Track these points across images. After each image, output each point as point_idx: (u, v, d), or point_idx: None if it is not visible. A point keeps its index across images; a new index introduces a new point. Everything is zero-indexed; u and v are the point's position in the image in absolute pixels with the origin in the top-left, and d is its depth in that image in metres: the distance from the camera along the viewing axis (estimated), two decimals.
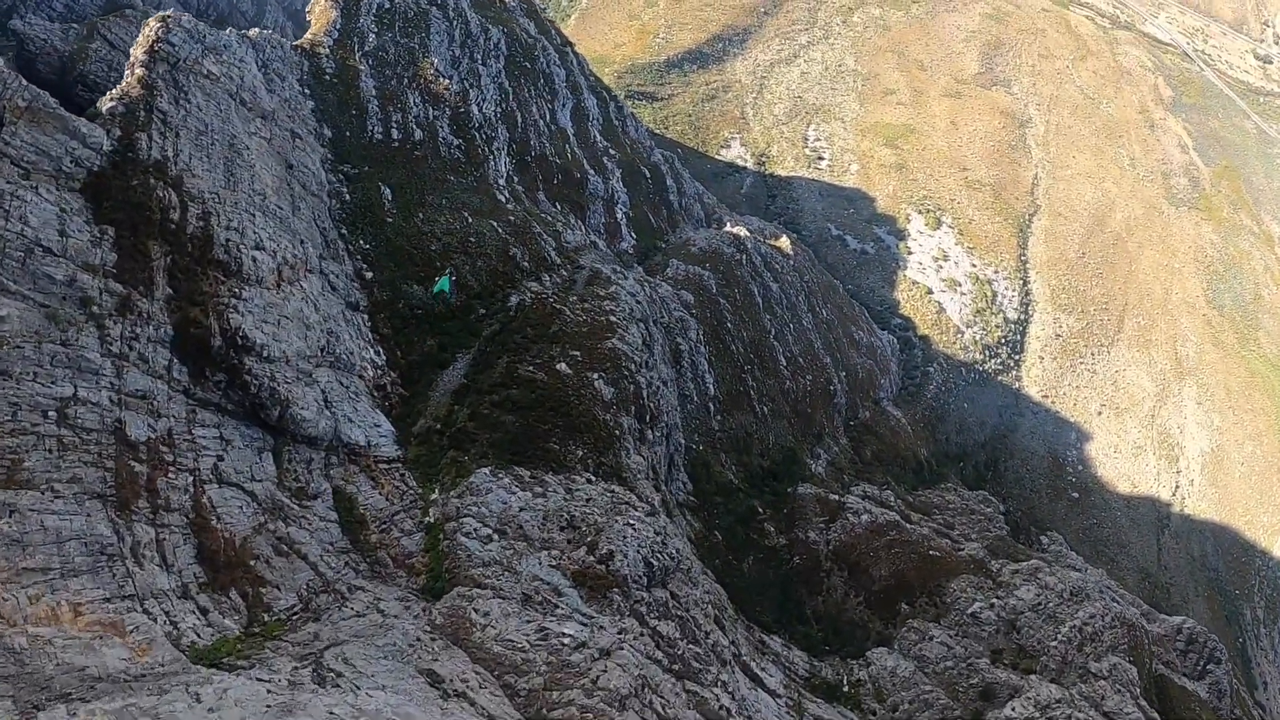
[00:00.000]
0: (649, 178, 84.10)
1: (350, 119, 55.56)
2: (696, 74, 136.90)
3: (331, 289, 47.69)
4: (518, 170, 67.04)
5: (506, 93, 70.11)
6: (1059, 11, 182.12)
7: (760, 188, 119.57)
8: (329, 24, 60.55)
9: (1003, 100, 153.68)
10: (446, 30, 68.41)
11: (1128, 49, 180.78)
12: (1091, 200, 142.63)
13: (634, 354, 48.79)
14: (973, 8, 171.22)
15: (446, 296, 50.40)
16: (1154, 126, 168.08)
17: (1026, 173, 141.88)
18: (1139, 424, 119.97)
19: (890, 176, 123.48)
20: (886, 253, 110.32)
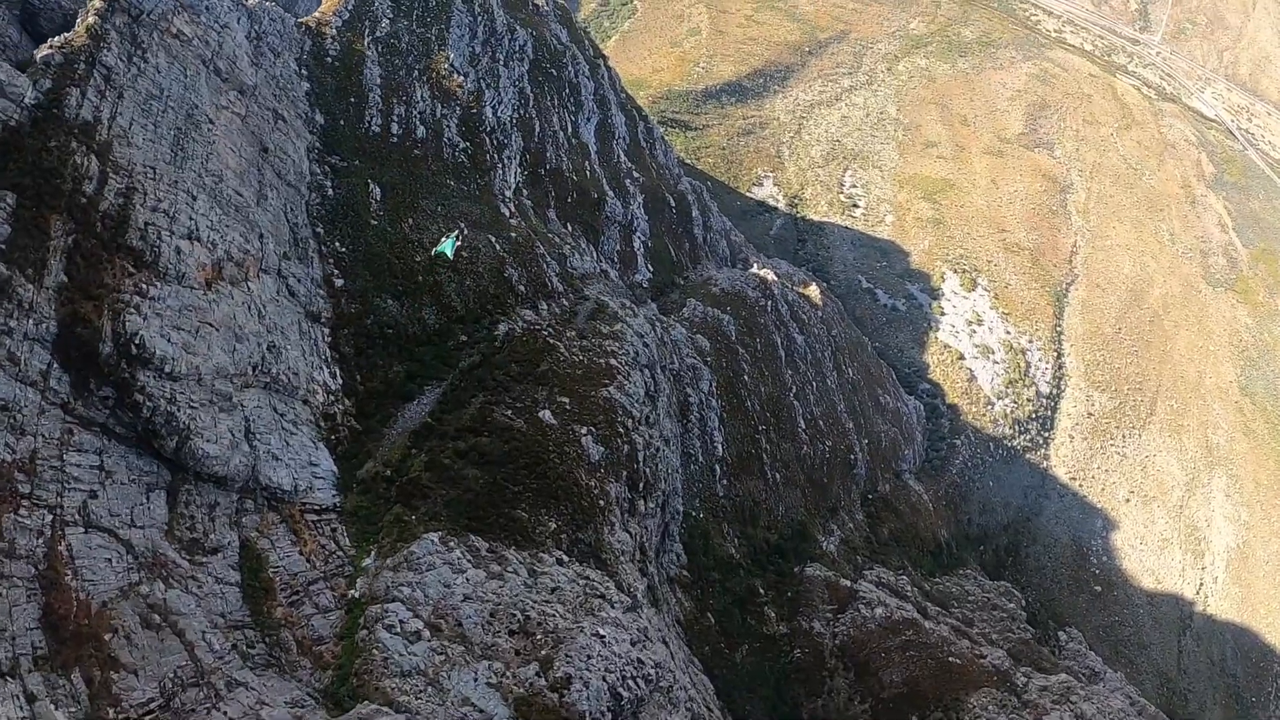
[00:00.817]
0: (674, 207, 76.96)
1: (347, 107, 48.88)
2: (734, 107, 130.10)
3: (289, 294, 40.14)
4: (528, 182, 60.22)
5: (526, 98, 63.54)
6: (1106, 78, 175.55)
7: (790, 230, 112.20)
8: (341, 3, 54.37)
9: (1045, 163, 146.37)
10: (469, 25, 62.12)
11: (1173, 121, 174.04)
12: (1130, 274, 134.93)
13: (633, 407, 40.91)
14: (1019, 67, 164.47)
15: (446, 258, 45.55)
16: (1195, 202, 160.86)
17: (1066, 240, 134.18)
18: (1167, 514, 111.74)
19: (927, 231, 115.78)
20: (918, 311, 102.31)
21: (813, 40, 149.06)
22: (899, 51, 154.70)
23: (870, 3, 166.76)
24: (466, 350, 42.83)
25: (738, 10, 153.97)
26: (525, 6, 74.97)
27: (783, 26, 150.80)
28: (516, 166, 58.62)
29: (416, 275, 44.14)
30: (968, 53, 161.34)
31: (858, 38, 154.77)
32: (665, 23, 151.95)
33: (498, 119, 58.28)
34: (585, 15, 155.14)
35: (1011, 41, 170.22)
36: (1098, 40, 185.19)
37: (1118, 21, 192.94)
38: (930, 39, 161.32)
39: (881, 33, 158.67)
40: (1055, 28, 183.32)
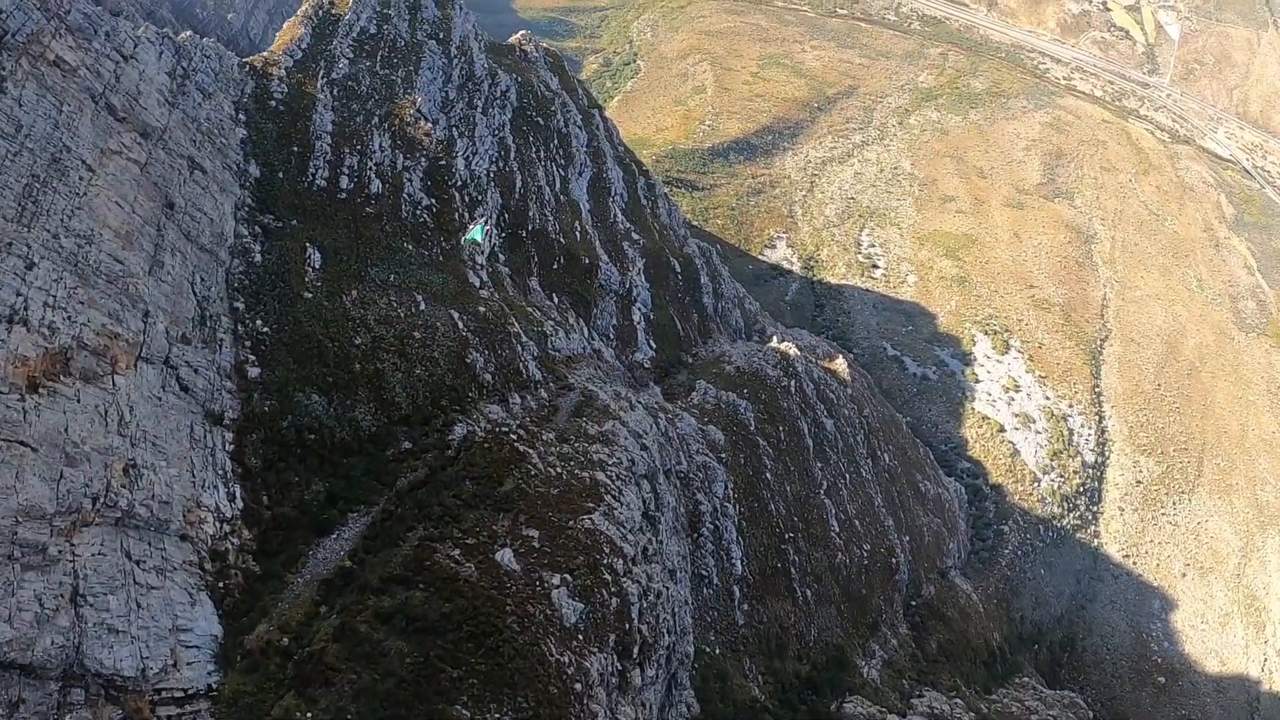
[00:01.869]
0: (679, 273, 67.75)
1: (289, 157, 40.52)
2: (742, 165, 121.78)
3: (181, 389, 30.24)
4: (507, 246, 51.64)
5: (507, 149, 55.49)
6: (1119, 124, 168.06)
7: (807, 295, 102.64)
8: (292, 42, 46.96)
9: (1066, 213, 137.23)
10: (442, 67, 54.29)
11: (1189, 164, 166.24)
12: (1163, 325, 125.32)
13: (626, 540, 30.74)
14: (1032, 116, 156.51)
15: (477, 244, 44.46)
16: (1219, 245, 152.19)
17: (1095, 292, 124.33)
18: (1225, 586, 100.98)
19: (952, 291, 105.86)
20: (950, 379, 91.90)
21: (821, 96, 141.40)
22: (909, 105, 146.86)
23: (877, 57, 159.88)
24: (409, 462, 33.06)
25: (742, 68, 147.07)
26: (512, 53, 67.87)
27: (789, 83, 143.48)
28: (492, 227, 49.93)
29: (353, 362, 34.46)
30: (979, 104, 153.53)
31: (866, 92, 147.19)
32: (669, 81, 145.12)
33: (471, 172, 49.75)
34: (588, 75, 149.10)
35: (1022, 91, 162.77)
36: (1107, 86, 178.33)
37: (1126, 66, 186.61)
38: (940, 91, 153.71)
39: (890, 87, 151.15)
40: (1064, 75, 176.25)
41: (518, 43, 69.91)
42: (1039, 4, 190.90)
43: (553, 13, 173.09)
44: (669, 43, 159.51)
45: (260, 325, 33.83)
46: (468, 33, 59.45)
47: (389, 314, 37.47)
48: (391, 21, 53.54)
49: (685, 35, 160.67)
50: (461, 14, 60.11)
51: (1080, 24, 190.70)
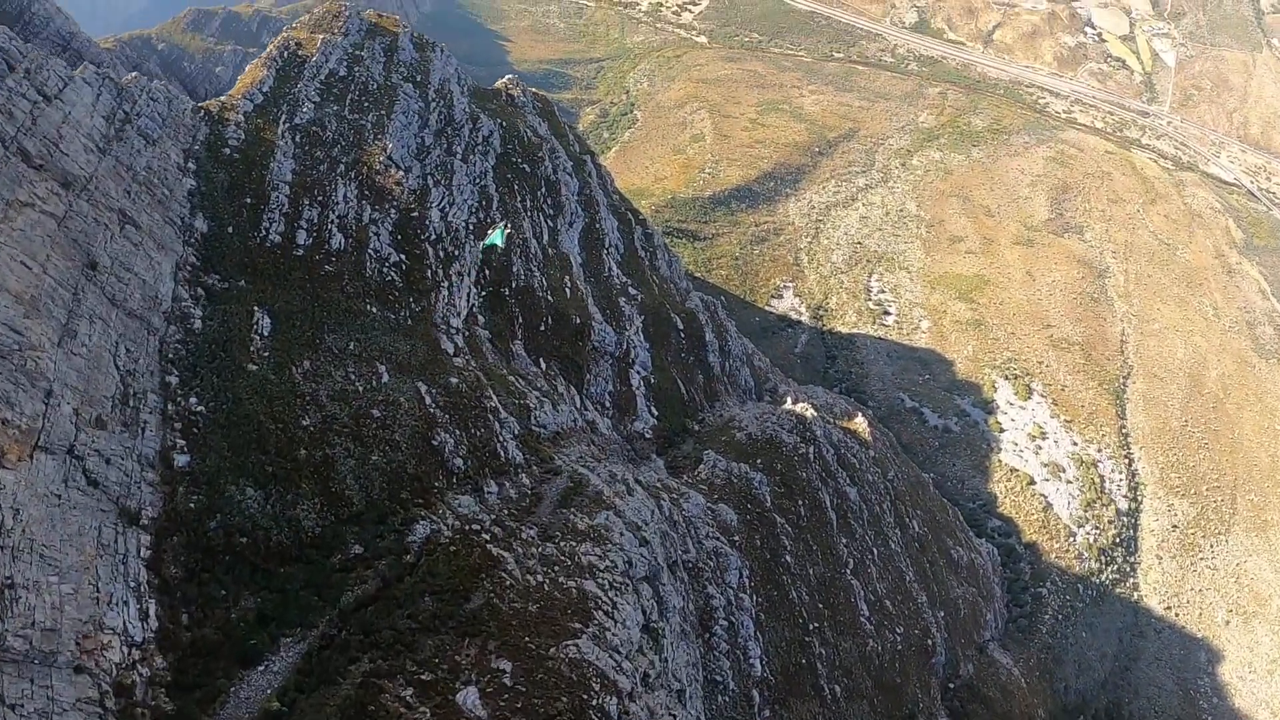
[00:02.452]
0: (682, 330, 62.16)
1: (240, 209, 35.89)
2: (745, 213, 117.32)
3: (89, 484, 24.75)
4: (487, 306, 46.38)
5: (489, 199, 50.75)
6: (1122, 154, 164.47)
7: (818, 346, 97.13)
8: (252, 85, 42.97)
9: (1077, 248, 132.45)
10: (418, 111, 49.98)
11: (1195, 191, 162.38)
12: (1184, 357, 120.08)
13: (620, 672, 25.21)
14: (1035, 151, 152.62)
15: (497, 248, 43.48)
16: (1231, 272, 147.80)
17: (1113, 328, 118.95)
18: (1269, 629, 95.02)
19: (968, 335, 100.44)
20: (974, 430, 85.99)
21: (821, 140, 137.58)
22: (911, 146, 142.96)
23: (876, 99, 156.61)
24: (359, 572, 27.68)
25: (741, 114, 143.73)
26: (497, 98, 63.58)
27: (789, 128, 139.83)
28: (470, 285, 44.65)
29: (298, 448, 29.18)
30: (980, 142, 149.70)
31: (867, 135, 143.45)
32: (667, 130, 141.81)
33: (447, 224, 44.93)
34: (585, 126, 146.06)
35: (1023, 126, 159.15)
36: (1108, 117, 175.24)
37: (1124, 96, 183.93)
38: (941, 131, 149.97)
39: (891, 128, 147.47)
40: (1064, 109, 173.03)
41: (504, 87, 65.91)
42: (1034, 39, 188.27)
43: (548, 64, 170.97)
44: (666, 92, 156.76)
45: (194, 404, 28.62)
46: (448, 76, 55.37)
47: (345, 388, 32.19)
48: (364, 63, 49.65)
49: (682, 84, 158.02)
50: (442, 57, 56.29)
51: (1077, 56, 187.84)
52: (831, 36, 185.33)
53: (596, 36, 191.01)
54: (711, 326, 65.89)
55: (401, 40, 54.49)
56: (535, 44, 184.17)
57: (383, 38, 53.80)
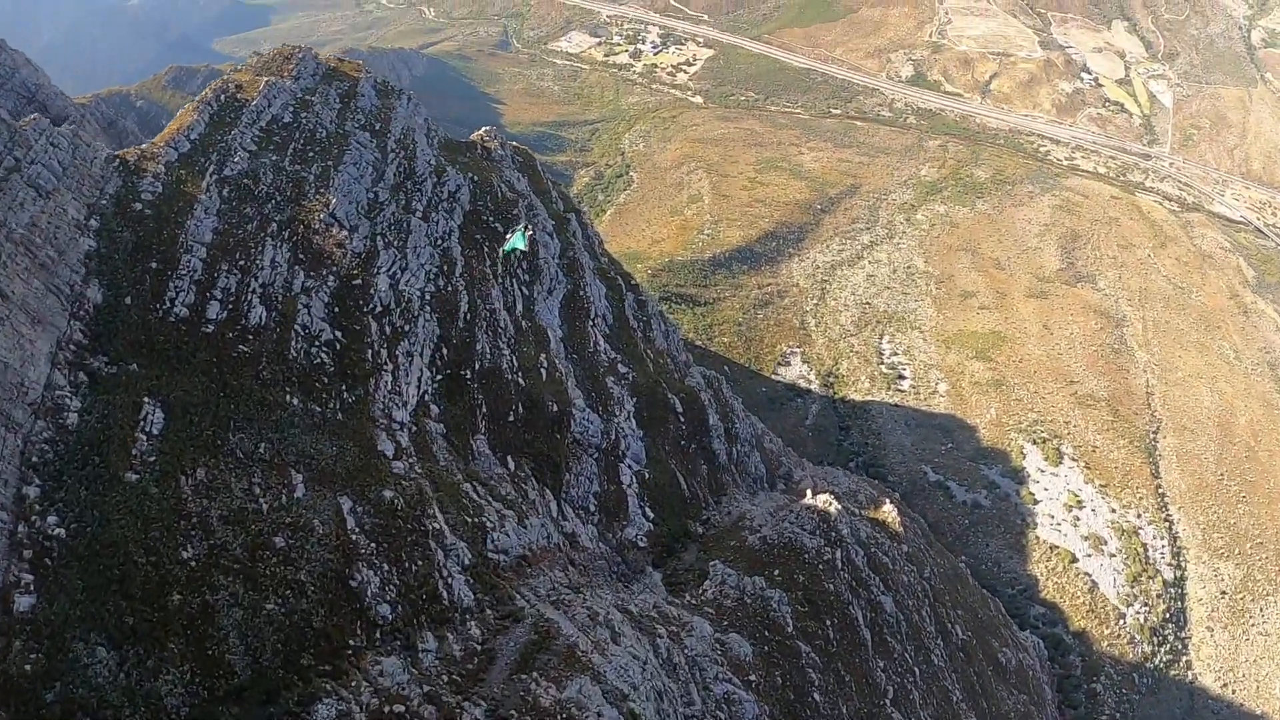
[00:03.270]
0: (681, 413, 54.93)
1: (143, 276, 29.72)
2: (746, 275, 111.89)
3: None
4: (443, 393, 38.90)
5: (452, 262, 43.83)
6: (1128, 198, 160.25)
7: (830, 416, 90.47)
8: (179, 131, 37.28)
9: (1092, 297, 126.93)
10: (373, 163, 44.04)
11: (1203, 231, 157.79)
12: (1211, 406, 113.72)
13: None
14: (1040, 200, 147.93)
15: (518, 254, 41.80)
16: (1247, 311, 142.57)
17: (1137, 380, 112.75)
18: None
19: (989, 397, 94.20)
20: (1005, 503, 79.29)
21: (823, 197, 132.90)
22: (914, 200, 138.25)
23: (876, 154, 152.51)
24: None
25: (739, 173, 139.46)
26: (471, 150, 57.64)
27: (789, 185, 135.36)
28: (422, 367, 38.03)
29: (171, 591, 22.73)
30: (984, 193, 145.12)
31: (870, 190, 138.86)
32: (664, 191, 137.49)
33: (398, 293, 38.52)
34: (579, 189, 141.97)
35: (1026, 175, 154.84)
36: (1110, 161, 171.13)
37: (1125, 139, 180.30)
38: (944, 183, 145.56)
39: (893, 182, 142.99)
40: (1066, 155, 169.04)
41: (480, 139, 60.10)
42: (1032, 87, 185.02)
43: (542, 127, 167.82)
44: (662, 153, 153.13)
45: (53, 524, 22.17)
46: (413, 126, 49.87)
47: (245, 506, 25.26)
48: (313, 109, 44.27)
49: (678, 144, 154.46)
50: (408, 105, 51.10)
51: (1075, 103, 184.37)
52: (828, 93, 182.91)
53: (591, 99, 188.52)
54: (715, 407, 58.88)
55: (362, 86, 49.27)
56: (529, 106, 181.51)
57: (340, 83, 48.65)
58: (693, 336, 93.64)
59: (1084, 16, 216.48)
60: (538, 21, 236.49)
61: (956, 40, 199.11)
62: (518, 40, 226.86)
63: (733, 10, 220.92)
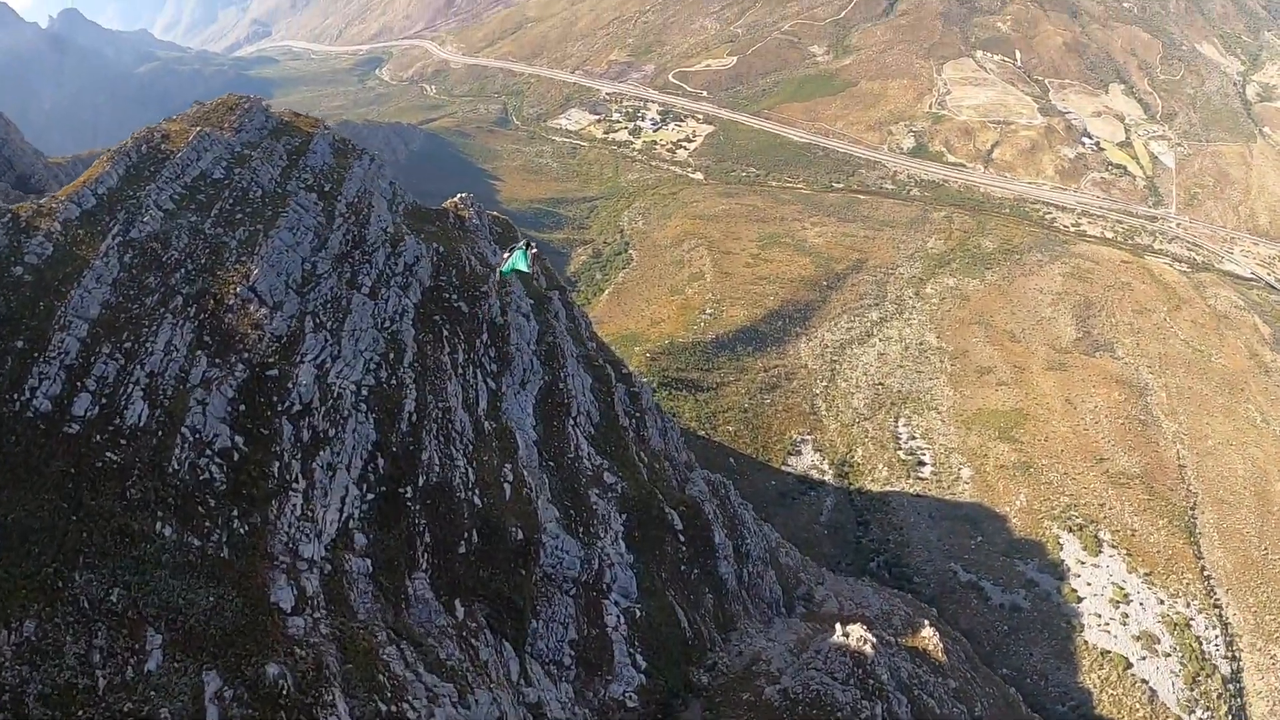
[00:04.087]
0: (681, 530, 47.08)
1: (2, 359, 24.21)
2: (752, 358, 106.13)
3: None
4: (375, 517, 30.54)
5: (401, 349, 36.52)
6: (1138, 262, 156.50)
7: (846, 511, 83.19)
8: (86, 184, 32.47)
9: (1112, 367, 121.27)
10: (314, 228, 38.35)
11: (1216, 291, 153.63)
12: (1245, 474, 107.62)
13: None
14: (1050, 269, 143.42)
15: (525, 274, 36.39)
16: (1268, 370, 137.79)
17: (1168, 453, 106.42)
18: None
19: (1017, 482, 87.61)
20: (1046, 603, 72.09)
21: (829, 273, 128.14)
22: (922, 273, 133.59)
23: (881, 227, 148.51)
24: None
25: (742, 250, 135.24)
26: (441, 219, 51.98)
27: (794, 262, 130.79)
28: (349, 484, 30.40)
29: None
30: (993, 264, 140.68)
31: (876, 265, 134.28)
32: (664, 270, 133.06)
33: (325, 387, 31.10)
34: (575, 268, 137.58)
35: (1034, 244, 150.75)
36: (1116, 225, 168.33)
37: (1130, 202, 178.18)
38: (952, 255, 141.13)
39: (900, 256, 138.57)
40: (1072, 222, 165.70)
41: (453, 206, 54.71)
42: (1034, 154, 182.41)
43: (539, 204, 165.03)
44: (662, 230, 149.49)
45: None
46: (371, 188, 44.30)
47: (74, 682, 18.53)
48: (251, 165, 39.04)
49: (679, 221, 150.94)
50: (368, 165, 46.22)
51: (1078, 168, 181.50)
52: (830, 167, 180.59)
53: (590, 175, 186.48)
54: (722, 519, 51.37)
55: (315, 143, 44.48)
56: (527, 183, 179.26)
57: (291, 138, 43.88)
58: (695, 426, 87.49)
59: (1081, 81, 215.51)
60: (538, 99, 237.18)
61: (956, 110, 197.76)
62: (517, 117, 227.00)
63: (732, 86, 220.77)
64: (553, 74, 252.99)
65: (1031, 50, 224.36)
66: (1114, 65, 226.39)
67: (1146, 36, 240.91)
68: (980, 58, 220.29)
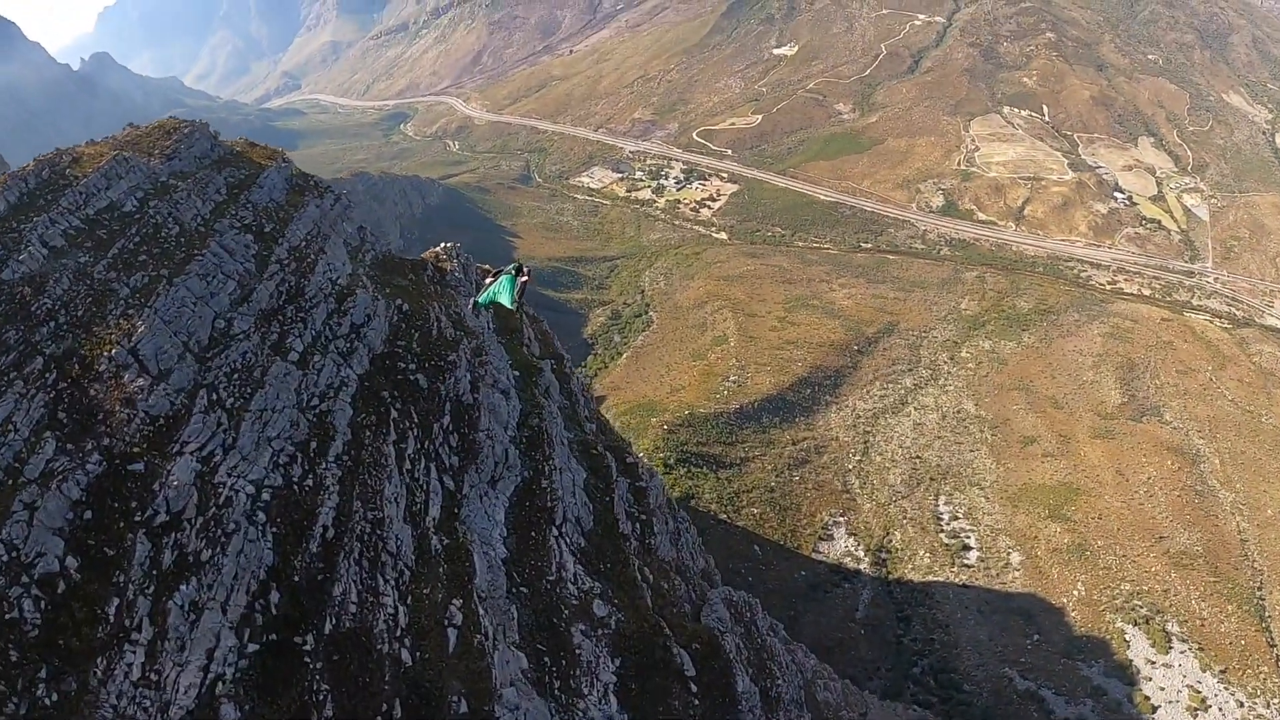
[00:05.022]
0: (693, 677, 34.45)
1: None
2: (779, 430, 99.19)
3: None
4: (256, 678, 21.16)
5: (328, 437, 28.37)
6: (1179, 320, 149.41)
7: (885, 605, 74.80)
8: None
9: (1162, 433, 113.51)
10: (236, 274, 31.63)
11: (1260, 347, 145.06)
12: None
13: None
14: (1089, 329, 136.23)
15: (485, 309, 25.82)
16: None
17: (1228, 526, 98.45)
18: None
19: (1072, 568, 79.94)
20: (1117, 716, 63.76)
21: (859, 337, 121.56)
22: (957, 336, 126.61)
23: (911, 288, 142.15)
24: None
25: (768, 313, 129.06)
26: (417, 271, 44.85)
27: (822, 325, 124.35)
28: (223, 628, 21.59)
29: None
30: (1029, 325, 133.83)
31: (908, 328, 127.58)
32: (685, 333, 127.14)
33: (205, 490, 23.69)
34: (592, 330, 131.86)
35: (1070, 303, 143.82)
36: (1153, 282, 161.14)
37: (1166, 258, 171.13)
38: (986, 317, 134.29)
39: (932, 319, 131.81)
40: (1108, 279, 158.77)
41: (433, 257, 47.73)
42: (1066, 210, 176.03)
43: (558, 262, 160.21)
44: (684, 291, 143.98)
45: None
46: (326, 232, 38.37)
47: None
48: (173, 197, 32.91)
49: (702, 282, 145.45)
50: (329, 204, 39.82)
51: (1111, 224, 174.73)
52: (857, 226, 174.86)
53: (611, 234, 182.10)
54: (746, 655, 39.64)
55: (266, 176, 38.41)
56: (546, 241, 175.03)
57: (237, 170, 38.00)
58: (715, 508, 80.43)
59: (1109, 135, 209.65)
60: (560, 157, 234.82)
61: (985, 167, 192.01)
62: (539, 175, 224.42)
63: (756, 144, 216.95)
64: (576, 132, 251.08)
65: (1058, 105, 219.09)
66: (1142, 118, 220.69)
67: (1173, 88, 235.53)
68: (1007, 113, 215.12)
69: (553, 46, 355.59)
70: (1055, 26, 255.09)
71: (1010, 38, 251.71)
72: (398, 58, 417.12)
